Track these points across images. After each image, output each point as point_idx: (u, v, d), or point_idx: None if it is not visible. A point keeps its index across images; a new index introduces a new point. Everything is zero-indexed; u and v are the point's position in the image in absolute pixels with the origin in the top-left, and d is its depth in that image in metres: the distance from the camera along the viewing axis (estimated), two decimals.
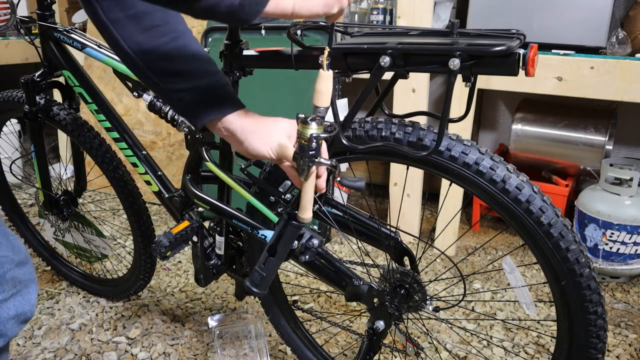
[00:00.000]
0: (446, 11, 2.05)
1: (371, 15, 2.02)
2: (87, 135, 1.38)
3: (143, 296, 1.71)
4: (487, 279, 1.86)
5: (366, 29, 0.98)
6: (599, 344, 0.88)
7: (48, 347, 1.47)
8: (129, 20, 0.78)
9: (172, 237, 1.16)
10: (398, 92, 1.92)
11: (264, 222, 1.05)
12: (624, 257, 1.78)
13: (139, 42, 0.79)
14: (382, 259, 1.89)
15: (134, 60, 0.81)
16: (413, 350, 1.19)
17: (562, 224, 0.83)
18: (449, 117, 0.84)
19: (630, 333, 1.56)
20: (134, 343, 1.49)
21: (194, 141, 1.16)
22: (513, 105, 2.31)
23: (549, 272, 0.87)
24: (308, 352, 1.32)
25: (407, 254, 1.05)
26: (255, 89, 1.82)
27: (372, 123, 0.93)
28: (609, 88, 1.64)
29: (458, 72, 0.75)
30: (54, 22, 1.33)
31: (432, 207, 2.45)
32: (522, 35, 0.78)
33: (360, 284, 1.06)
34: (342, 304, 1.69)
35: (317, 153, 0.80)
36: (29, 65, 2.58)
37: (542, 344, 1.51)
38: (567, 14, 1.72)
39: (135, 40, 0.79)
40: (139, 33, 0.79)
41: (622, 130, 2.18)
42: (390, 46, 0.80)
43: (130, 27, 0.78)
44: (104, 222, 2.20)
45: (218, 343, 1.43)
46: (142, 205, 1.42)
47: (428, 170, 0.91)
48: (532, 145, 2.08)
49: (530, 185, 0.84)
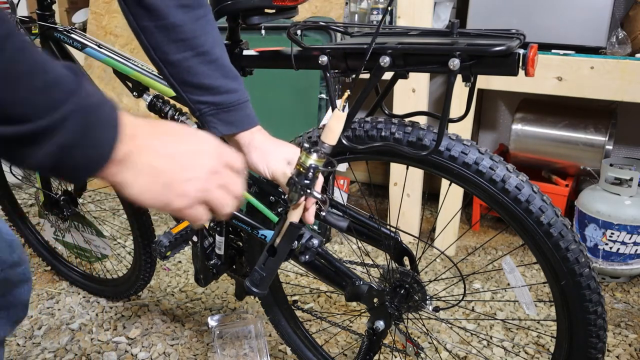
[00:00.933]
0: (446, 11, 2.05)
1: (371, 15, 2.02)
2: None
3: (143, 296, 1.71)
4: (487, 279, 1.86)
5: (366, 29, 0.98)
6: (598, 344, 0.88)
7: (48, 347, 1.47)
8: (159, 31, 0.80)
9: (172, 237, 1.16)
10: (398, 92, 1.92)
11: (264, 222, 1.05)
12: (624, 257, 1.78)
13: (166, 52, 0.82)
14: (382, 259, 1.89)
15: (160, 68, 0.84)
16: (413, 350, 1.19)
17: (561, 224, 0.83)
18: (449, 117, 0.84)
19: (630, 333, 1.56)
20: (134, 343, 1.49)
21: None
22: (513, 105, 2.30)
23: (548, 271, 0.87)
24: (308, 352, 1.32)
25: (407, 254, 1.05)
26: (255, 89, 1.82)
27: (371, 123, 0.93)
28: (609, 88, 1.64)
29: (458, 72, 0.75)
30: (54, 22, 1.33)
31: (432, 207, 2.45)
32: (522, 35, 0.78)
33: (360, 284, 1.06)
34: (342, 304, 1.69)
35: (312, 184, 0.80)
36: None
37: (542, 344, 1.51)
38: (567, 14, 1.72)
39: (163, 50, 0.81)
40: (167, 44, 0.81)
41: (622, 130, 2.18)
42: (390, 46, 0.80)
43: (159, 36, 0.80)
44: (104, 222, 2.20)
45: (218, 343, 1.43)
46: None
47: (428, 170, 0.91)
48: (532, 145, 2.08)
49: (529, 185, 0.84)
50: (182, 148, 0.56)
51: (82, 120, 0.46)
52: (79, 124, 0.45)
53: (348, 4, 2.11)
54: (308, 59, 0.91)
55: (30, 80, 0.43)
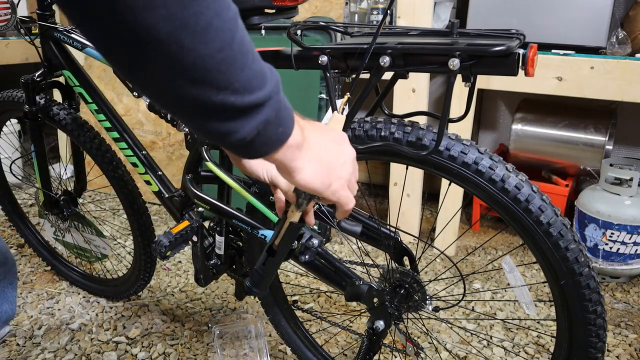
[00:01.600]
0: (446, 11, 2.05)
1: (371, 15, 2.02)
2: (87, 135, 1.38)
3: (143, 296, 1.71)
4: (487, 279, 1.86)
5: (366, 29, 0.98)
6: (598, 344, 0.88)
7: (48, 347, 1.47)
8: None
9: (172, 237, 1.16)
10: (398, 92, 1.92)
11: (264, 222, 1.05)
12: (624, 257, 1.78)
13: None
14: (382, 259, 1.89)
15: None
16: (413, 350, 1.19)
17: (561, 223, 0.83)
18: (449, 117, 0.84)
19: (630, 333, 1.56)
20: (134, 343, 1.49)
21: (194, 141, 1.17)
22: (513, 105, 2.31)
23: (548, 271, 0.87)
24: (308, 352, 1.32)
25: (407, 253, 1.05)
26: None
27: (371, 123, 0.93)
28: (609, 88, 1.64)
29: (458, 72, 0.75)
30: (54, 22, 1.33)
31: (432, 207, 2.45)
32: (521, 35, 0.78)
33: (360, 283, 1.07)
34: (342, 304, 1.69)
35: None
36: (29, 65, 2.58)
37: (542, 344, 1.51)
38: (567, 14, 1.72)
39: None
40: None
41: (622, 130, 2.18)
42: (390, 46, 0.80)
43: None
44: (104, 222, 2.20)
45: (218, 343, 1.44)
46: (142, 205, 1.42)
47: (428, 170, 0.91)
48: (532, 145, 2.08)
49: (529, 185, 0.84)
50: (331, 140, 0.65)
51: (276, 99, 0.52)
52: (276, 102, 0.52)
53: (348, 4, 2.11)
54: (308, 59, 0.91)
55: (254, 55, 0.49)
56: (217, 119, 0.49)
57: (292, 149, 0.57)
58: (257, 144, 0.53)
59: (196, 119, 0.49)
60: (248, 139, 0.51)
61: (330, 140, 0.65)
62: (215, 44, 0.45)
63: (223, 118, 0.49)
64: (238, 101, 0.48)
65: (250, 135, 0.51)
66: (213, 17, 0.44)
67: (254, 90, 0.49)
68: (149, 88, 0.47)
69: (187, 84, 0.45)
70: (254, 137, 0.52)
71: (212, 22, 0.44)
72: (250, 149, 0.53)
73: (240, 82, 0.47)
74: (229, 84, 0.47)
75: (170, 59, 0.43)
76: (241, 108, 0.49)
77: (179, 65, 0.44)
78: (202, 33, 0.43)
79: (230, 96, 0.47)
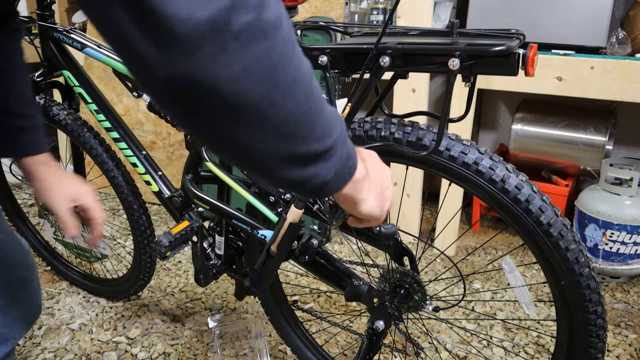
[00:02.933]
0: (446, 11, 2.05)
1: (371, 15, 2.02)
2: (87, 135, 1.38)
3: (143, 296, 1.71)
4: (487, 279, 1.86)
5: (366, 29, 0.98)
6: (598, 344, 0.88)
7: (48, 347, 1.47)
8: None
9: (172, 237, 1.16)
10: (398, 92, 1.92)
11: (264, 222, 1.05)
12: (624, 257, 1.78)
13: None
14: (382, 259, 1.89)
15: None
16: (413, 350, 1.19)
17: (561, 224, 0.83)
18: (449, 117, 0.84)
19: (630, 333, 1.56)
20: (134, 343, 1.49)
21: (193, 141, 1.17)
22: (513, 105, 2.30)
23: (548, 271, 0.87)
24: (308, 352, 1.32)
25: (407, 253, 1.05)
26: None
27: (371, 123, 0.93)
28: (609, 88, 1.64)
29: (458, 72, 0.75)
30: (53, 22, 1.33)
31: (432, 207, 2.45)
32: (521, 35, 0.78)
33: (360, 284, 1.06)
34: (342, 304, 1.69)
35: None
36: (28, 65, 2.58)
37: (542, 344, 1.51)
38: (567, 14, 1.72)
39: None
40: None
41: (622, 130, 2.18)
42: (390, 46, 0.80)
43: None
44: (104, 222, 2.20)
45: (218, 343, 1.44)
46: (142, 205, 1.42)
47: (428, 170, 0.91)
48: (532, 145, 2.08)
49: (529, 185, 0.84)
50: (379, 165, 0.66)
51: (343, 137, 0.53)
52: (344, 138, 0.53)
53: (348, 4, 2.11)
54: (308, 59, 0.91)
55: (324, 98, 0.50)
56: (300, 168, 0.49)
57: (359, 182, 0.58)
58: (332, 183, 0.53)
59: (277, 171, 0.49)
60: (327, 180, 0.52)
61: (379, 166, 0.65)
62: (301, 97, 0.45)
63: (306, 165, 0.49)
64: (320, 147, 0.49)
65: (329, 176, 0.52)
66: (295, 70, 0.44)
67: (331, 132, 0.49)
68: (232, 150, 0.47)
69: (276, 141, 0.46)
70: (331, 177, 0.52)
71: (296, 75, 0.45)
72: (326, 189, 0.53)
73: (321, 128, 0.48)
74: (313, 132, 0.47)
75: (262, 119, 0.43)
76: (322, 152, 0.49)
77: (269, 124, 0.44)
78: (290, 88, 0.44)
79: (314, 143, 0.48)
